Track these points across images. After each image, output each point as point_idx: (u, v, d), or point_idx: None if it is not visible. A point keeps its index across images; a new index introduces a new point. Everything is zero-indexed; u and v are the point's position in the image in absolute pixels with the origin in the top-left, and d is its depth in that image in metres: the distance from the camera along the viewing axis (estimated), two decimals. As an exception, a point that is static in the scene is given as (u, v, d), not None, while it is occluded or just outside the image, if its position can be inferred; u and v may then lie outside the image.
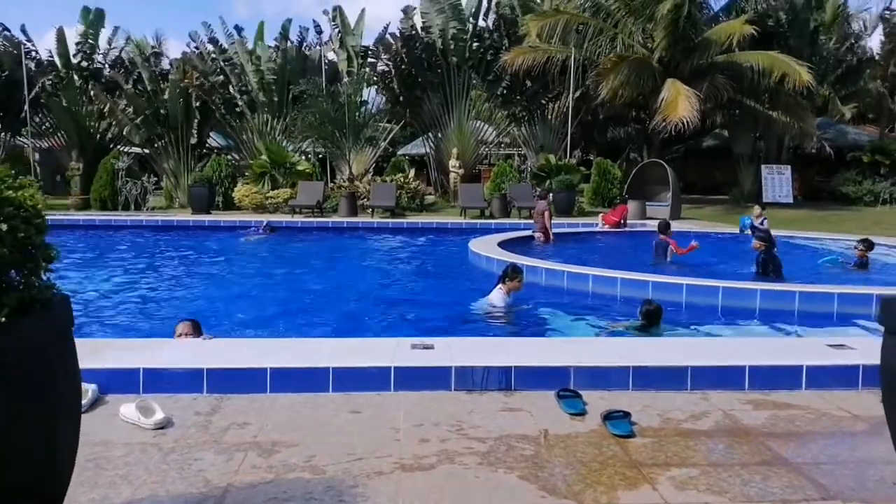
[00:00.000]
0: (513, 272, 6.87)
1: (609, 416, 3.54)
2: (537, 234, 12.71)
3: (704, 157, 27.26)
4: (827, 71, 23.22)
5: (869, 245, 9.60)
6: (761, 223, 11.78)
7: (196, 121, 22.16)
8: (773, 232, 12.35)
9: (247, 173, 20.79)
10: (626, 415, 3.56)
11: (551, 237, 12.59)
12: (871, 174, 22.49)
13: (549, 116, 23.92)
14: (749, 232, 11.89)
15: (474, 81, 22.68)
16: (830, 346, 4.56)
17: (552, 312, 6.88)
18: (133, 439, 3.29)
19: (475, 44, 22.95)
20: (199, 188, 19.16)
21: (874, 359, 4.42)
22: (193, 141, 22.27)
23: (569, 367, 4.09)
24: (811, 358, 4.24)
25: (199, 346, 4.43)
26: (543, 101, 23.74)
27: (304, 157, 23.19)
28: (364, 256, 12.48)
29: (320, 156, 23.64)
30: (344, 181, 21.09)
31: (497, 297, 6.80)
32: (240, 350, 4.37)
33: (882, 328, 2.62)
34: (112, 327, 6.52)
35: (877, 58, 24.65)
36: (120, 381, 3.89)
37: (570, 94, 21.01)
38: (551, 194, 16.53)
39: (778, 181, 22.58)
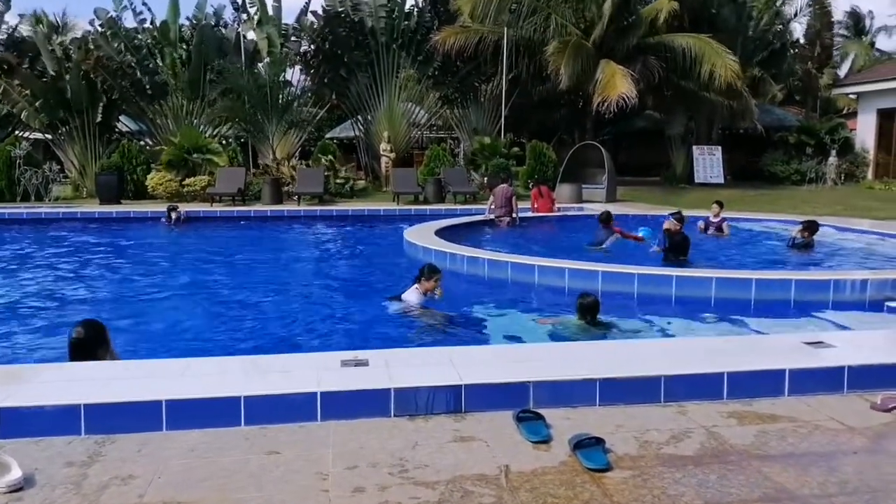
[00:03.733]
0: (429, 272, 6.20)
1: (580, 445, 2.98)
2: (504, 219, 12.49)
3: (636, 139, 27.35)
4: (756, 51, 23.56)
5: (813, 228, 9.41)
6: (720, 223, 11.19)
7: (101, 104, 20.45)
8: (705, 214, 12.22)
9: (161, 160, 19.36)
10: (599, 441, 3.01)
11: (517, 221, 12.55)
12: (798, 154, 23.03)
13: (482, 99, 23.37)
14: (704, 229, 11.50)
15: (404, 62, 21.84)
16: (807, 343, 4.15)
17: (499, 310, 6.27)
18: (-29, 513, 2.51)
19: (404, 23, 22.10)
20: (106, 176, 17.67)
21: (857, 358, 4.05)
22: (98, 122, 20.52)
23: (527, 382, 3.51)
24: (792, 360, 3.81)
25: (76, 373, 3.62)
26: (476, 83, 23.15)
27: (224, 142, 21.85)
28: (288, 249, 11.37)
29: (242, 140, 22.34)
30: (268, 165, 19.95)
31: (412, 296, 6.12)
32: (129, 376, 3.58)
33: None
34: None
35: (802, 40, 25.21)
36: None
37: (504, 76, 20.50)
38: (511, 178, 15.96)
39: (709, 162, 22.81)
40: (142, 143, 21.86)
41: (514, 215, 12.72)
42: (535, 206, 14.36)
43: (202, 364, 3.82)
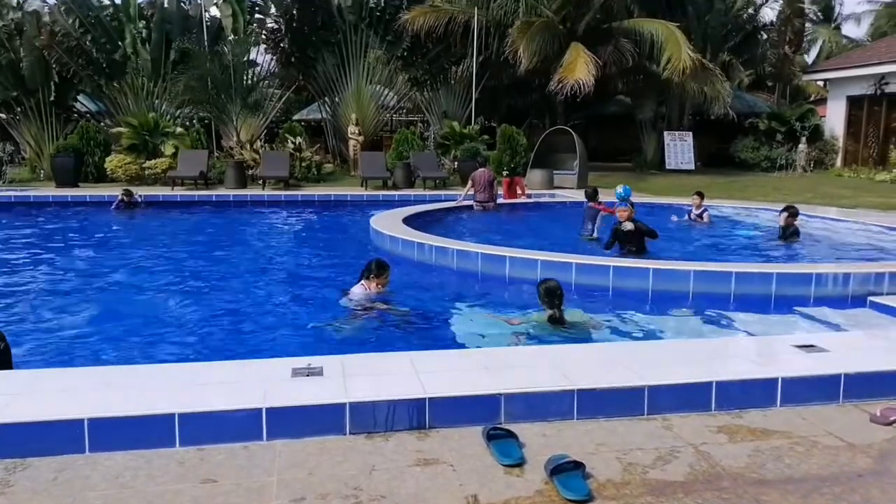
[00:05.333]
0: (378, 269, 5.77)
1: (557, 470, 2.65)
2: (489, 204, 12.31)
3: (607, 124, 27.12)
4: (728, 36, 23.42)
5: (795, 213, 9.18)
6: (701, 213, 10.91)
7: (54, 83, 19.48)
8: (683, 201, 12.01)
9: (122, 141, 18.53)
10: (578, 465, 2.68)
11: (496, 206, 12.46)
12: (768, 141, 23.02)
13: (452, 81, 22.88)
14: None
15: (372, 41, 21.22)
16: (798, 347, 3.88)
17: (469, 306, 5.87)
18: None
19: (373, 1, 21.45)
20: (63, 158, 16.82)
21: (853, 365, 3.77)
22: (53, 101, 19.56)
23: (498, 394, 3.17)
24: (784, 367, 3.53)
25: (-13, 388, 3.17)
26: (446, 65, 22.63)
27: (187, 123, 21.02)
28: (246, 237, 10.68)
29: (206, 121, 21.54)
30: (231, 148, 19.25)
31: (357, 292, 5.70)
32: (43, 389, 3.15)
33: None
34: None
35: (774, 23, 25.08)
36: None
37: (475, 59, 20.04)
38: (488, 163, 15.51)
39: (680, 147, 22.69)
40: (101, 123, 20.95)
41: (496, 200, 12.49)
42: (506, 195, 14.09)
43: (131, 373, 3.41)
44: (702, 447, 2.98)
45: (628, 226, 7.68)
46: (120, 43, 20.44)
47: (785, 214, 9.20)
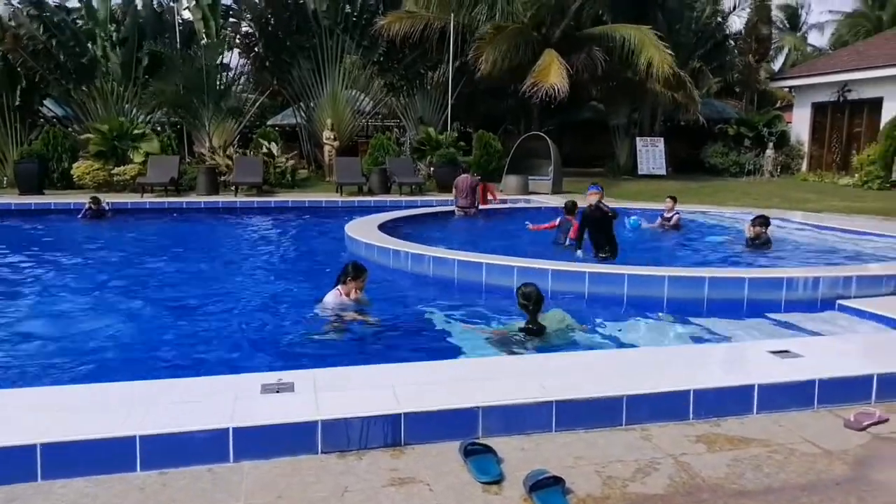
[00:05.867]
0: (355, 270, 5.62)
1: (536, 486, 2.59)
2: (471, 210, 12.28)
3: (581, 130, 27.28)
4: (698, 44, 23.72)
5: (766, 222, 9.13)
6: (671, 217, 10.95)
7: (21, 87, 19.02)
8: (655, 206, 12.09)
9: (89, 147, 18.13)
10: (558, 481, 2.62)
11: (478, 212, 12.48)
12: (737, 146, 23.35)
13: (428, 87, 22.84)
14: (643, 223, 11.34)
15: (348, 47, 21.09)
16: (773, 353, 3.88)
17: (445, 316, 5.76)
18: None
19: (348, 6, 21.33)
20: (27, 164, 16.38)
21: (827, 370, 3.78)
22: (18, 105, 19.08)
23: (476, 407, 3.10)
24: (760, 374, 3.51)
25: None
26: (422, 71, 22.59)
27: (159, 129, 20.66)
28: (217, 245, 10.34)
29: (177, 126, 21.20)
30: (204, 153, 18.96)
31: (330, 299, 5.52)
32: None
33: None
34: None
35: (742, 32, 25.49)
36: None
37: (450, 64, 20.02)
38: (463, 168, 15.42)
39: (652, 153, 22.89)
40: (69, 129, 20.49)
41: (477, 206, 12.49)
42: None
43: (88, 393, 3.26)
44: (681, 458, 2.94)
45: (595, 205, 7.80)
46: (90, 46, 20.06)
47: (751, 225, 9.09)
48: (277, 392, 3.20)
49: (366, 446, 2.96)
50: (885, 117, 19.36)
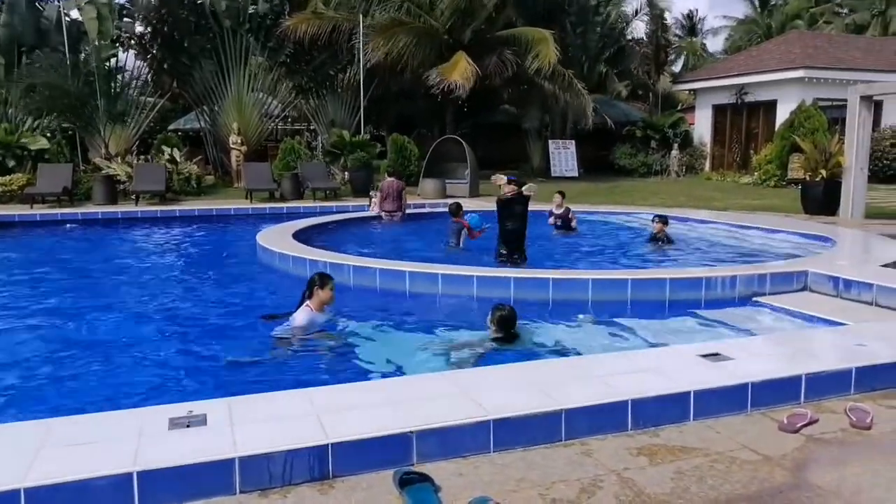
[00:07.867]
0: (321, 280, 5.31)
1: (479, 517, 2.40)
2: (397, 214, 12.06)
3: (495, 133, 27.51)
4: (604, 48, 24.46)
5: (663, 219, 9.62)
6: (564, 214, 11.17)
7: None
8: (571, 206, 12.25)
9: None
10: (502, 508, 2.45)
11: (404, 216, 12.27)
12: (644, 147, 24.22)
13: (339, 89, 22.39)
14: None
15: (253, 48, 20.34)
16: (703, 356, 3.87)
17: (373, 326, 5.51)
18: None
19: (252, 6, 20.58)
20: None
21: (757, 372, 3.76)
22: None
23: (409, 432, 2.89)
24: (695, 380, 3.48)
25: None
26: (332, 73, 22.13)
27: (50, 135, 19.19)
28: (117, 259, 9.35)
29: (70, 132, 19.79)
30: (100, 159, 17.75)
31: (302, 317, 5.14)
32: None
33: None
34: None
35: (645, 39, 26.55)
36: None
37: (361, 66, 19.68)
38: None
39: (564, 156, 23.38)
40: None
41: (404, 211, 12.26)
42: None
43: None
44: (625, 473, 2.83)
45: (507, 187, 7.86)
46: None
47: (657, 223, 9.58)
48: (188, 426, 2.87)
49: (290, 482, 2.69)
50: (780, 118, 20.57)
